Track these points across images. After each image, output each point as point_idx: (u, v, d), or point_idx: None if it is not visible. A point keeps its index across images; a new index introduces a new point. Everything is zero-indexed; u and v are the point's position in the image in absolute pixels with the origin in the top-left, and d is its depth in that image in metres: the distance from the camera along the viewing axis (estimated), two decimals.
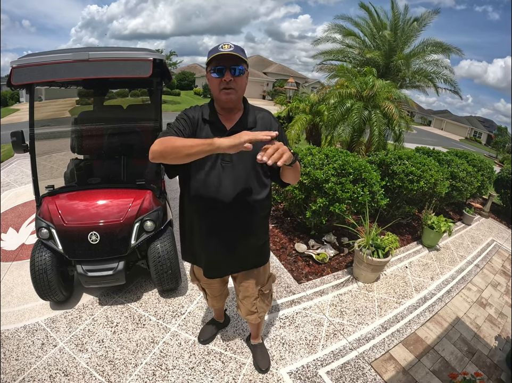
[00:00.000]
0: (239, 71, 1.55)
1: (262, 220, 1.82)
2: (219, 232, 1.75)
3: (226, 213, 1.68)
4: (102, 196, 2.92)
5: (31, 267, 2.65)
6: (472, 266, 4.50)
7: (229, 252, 1.83)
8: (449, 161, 5.75)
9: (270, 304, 2.18)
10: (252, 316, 2.15)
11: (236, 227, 1.74)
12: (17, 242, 4.00)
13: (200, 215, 1.75)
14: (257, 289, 2.01)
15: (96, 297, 3.05)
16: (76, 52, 2.55)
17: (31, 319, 2.76)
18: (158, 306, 2.98)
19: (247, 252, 1.85)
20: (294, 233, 4.44)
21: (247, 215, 1.71)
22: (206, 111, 1.68)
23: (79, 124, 3.70)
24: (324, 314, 3.09)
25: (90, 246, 2.64)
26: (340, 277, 3.71)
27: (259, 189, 1.69)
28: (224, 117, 1.66)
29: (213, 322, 2.73)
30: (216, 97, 1.62)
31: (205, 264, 1.92)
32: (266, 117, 1.73)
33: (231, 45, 1.53)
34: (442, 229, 4.54)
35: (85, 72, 2.58)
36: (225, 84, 1.53)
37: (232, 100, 1.59)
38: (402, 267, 4.13)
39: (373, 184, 3.86)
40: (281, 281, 3.48)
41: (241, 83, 1.59)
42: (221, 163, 1.63)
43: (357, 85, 6.37)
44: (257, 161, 1.53)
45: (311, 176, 3.70)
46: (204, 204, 1.70)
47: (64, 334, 2.61)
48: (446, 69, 8.96)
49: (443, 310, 3.41)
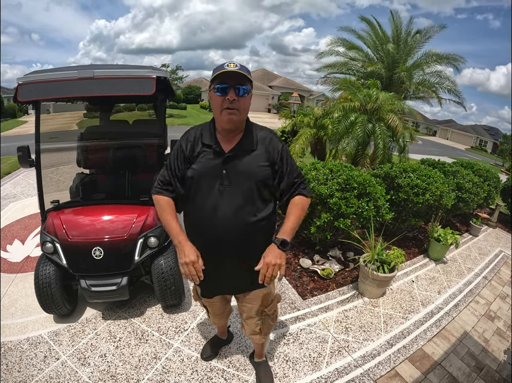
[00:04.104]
0: (244, 91, 1.53)
1: (262, 243, 1.74)
2: (218, 254, 1.74)
3: (225, 236, 1.67)
4: (106, 211, 2.96)
5: (35, 281, 2.68)
6: (480, 278, 4.45)
7: (228, 275, 1.83)
8: (455, 173, 5.73)
9: (275, 324, 2.17)
10: (256, 336, 2.14)
11: (235, 250, 1.72)
12: (23, 254, 4.06)
13: (199, 237, 1.75)
14: (261, 310, 1.99)
15: (100, 311, 3.08)
16: (81, 70, 2.62)
17: (34, 331, 2.80)
18: (161, 322, 3.00)
19: (247, 274, 1.79)
20: (298, 248, 4.44)
21: (246, 238, 1.69)
22: (206, 133, 1.67)
23: (84, 138, 3.76)
24: (329, 330, 3.08)
25: (94, 261, 2.68)
26: (346, 292, 3.70)
27: (257, 212, 1.67)
28: (224, 139, 1.65)
29: (216, 339, 2.72)
30: (218, 117, 1.59)
31: (204, 284, 1.91)
32: (268, 138, 1.69)
33: (237, 64, 1.51)
34: (449, 241, 4.51)
35: (89, 90, 2.64)
36: (228, 104, 1.50)
37: (234, 121, 1.56)
38: (409, 282, 4.10)
39: (378, 198, 3.86)
40: (286, 297, 3.48)
41: (244, 104, 1.57)
42: (219, 187, 1.62)
43: (361, 98, 6.41)
44: (255, 186, 1.59)
45: (315, 192, 3.72)
46: (202, 226, 1.71)
47: (66, 348, 2.63)
48: (449, 80, 8.99)
49: (450, 324, 3.37)
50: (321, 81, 10.63)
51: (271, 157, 1.66)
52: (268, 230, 1.78)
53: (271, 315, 2.06)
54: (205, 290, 2.00)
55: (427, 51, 9.20)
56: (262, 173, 1.64)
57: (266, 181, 1.66)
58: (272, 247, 1.65)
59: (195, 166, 1.66)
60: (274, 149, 1.67)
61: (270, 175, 1.67)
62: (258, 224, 1.68)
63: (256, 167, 1.63)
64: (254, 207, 1.66)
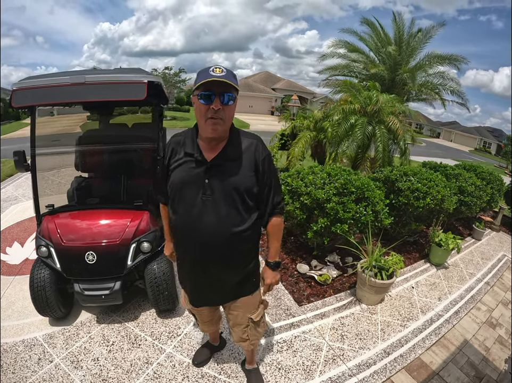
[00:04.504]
0: (229, 98, 1.47)
1: (247, 252, 1.77)
2: (202, 263, 1.73)
3: (208, 246, 1.65)
4: (100, 216, 2.97)
5: (30, 284, 2.71)
6: (482, 284, 4.36)
7: (213, 284, 1.82)
8: (457, 176, 5.62)
9: (263, 331, 2.14)
10: (244, 343, 2.12)
11: (219, 259, 1.69)
12: (21, 256, 4.09)
13: (183, 246, 1.76)
14: (247, 317, 1.97)
15: (94, 315, 3.08)
16: (74, 75, 2.63)
17: (29, 334, 2.82)
18: (155, 326, 2.98)
19: (232, 283, 1.81)
20: (296, 253, 4.38)
21: (229, 247, 1.66)
22: (188, 141, 1.63)
23: (82, 142, 3.78)
24: (324, 338, 3.02)
25: (87, 265, 2.69)
26: (343, 299, 3.63)
27: (242, 222, 1.64)
28: (207, 147, 1.60)
29: (208, 345, 2.69)
30: (202, 126, 1.54)
31: (190, 292, 1.94)
32: (253, 147, 1.63)
33: (223, 69, 1.44)
34: (450, 246, 4.42)
35: (81, 95, 2.66)
36: (212, 113, 1.45)
37: (219, 131, 1.52)
38: (408, 288, 4.02)
39: (376, 203, 3.79)
40: (281, 303, 3.43)
41: (230, 112, 1.52)
42: (201, 197, 1.59)
43: (362, 100, 6.35)
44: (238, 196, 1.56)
45: (312, 196, 3.66)
46: (186, 235, 1.69)
47: (60, 351, 2.65)
48: (452, 81, 8.89)
49: (450, 332, 3.30)
50: (323, 83, 10.58)
51: (255, 165, 1.62)
52: (253, 239, 1.77)
53: (258, 322, 2.03)
54: (193, 298, 1.98)
55: (429, 53, 9.11)
56: (246, 182, 1.60)
57: (251, 191, 1.62)
58: (268, 269, 1.87)
59: (178, 175, 1.63)
60: (258, 157, 1.62)
61: (254, 184, 1.63)
62: (242, 234, 1.65)
63: (240, 177, 1.59)
64: (238, 217, 1.63)
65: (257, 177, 1.63)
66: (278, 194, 1.74)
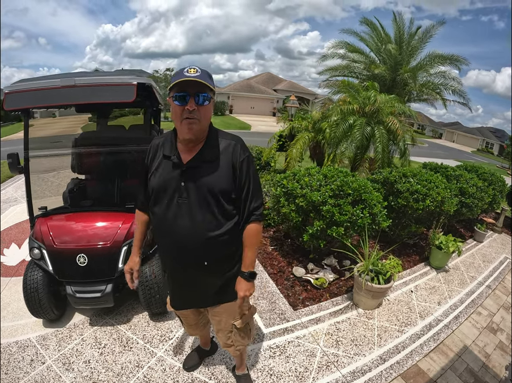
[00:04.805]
0: (204, 98, 1.45)
1: (226, 257, 1.72)
2: (180, 267, 1.71)
3: (184, 249, 1.62)
4: (92, 218, 2.98)
5: (23, 286, 2.72)
6: (483, 288, 4.26)
7: (191, 288, 1.79)
8: (458, 177, 5.53)
9: (250, 337, 2.08)
10: (229, 349, 2.08)
11: (195, 263, 1.66)
12: (18, 258, 4.11)
13: (162, 248, 1.75)
14: (230, 323, 1.91)
15: (88, 317, 3.08)
16: (64, 78, 2.62)
17: (23, 335, 2.83)
18: (147, 329, 2.96)
19: (211, 289, 1.77)
20: (293, 256, 4.30)
21: (205, 252, 1.63)
22: (167, 144, 1.61)
23: (78, 144, 3.78)
24: (319, 343, 2.94)
25: (78, 267, 2.69)
26: (339, 303, 3.55)
27: (219, 226, 1.59)
28: (184, 149, 1.58)
29: (199, 349, 2.65)
30: (178, 127, 1.52)
31: (172, 295, 1.94)
32: (231, 148, 1.59)
33: (198, 69, 1.43)
34: (451, 249, 4.33)
35: (71, 98, 2.67)
36: (188, 114, 1.43)
37: (195, 131, 1.49)
38: (407, 292, 3.93)
39: (373, 205, 3.71)
40: (276, 307, 3.35)
41: (205, 113, 1.49)
42: (177, 200, 1.56)
43: (360, 100, 6.26)
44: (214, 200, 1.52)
45: (307, 199, 3.59)
46: (164, 239, 1.68)
47: (53, 352, 2.65)
48: (454, 80, 8.80)
49: (449, 338, 3.21)
50: (323, 84, 10.50)
51: (233, 168, 1.57)
52: (231, 244, 1.70)
53: (242, 329, 1.96)
54: (174, 300, 1.97)
55: (430, 53, 9.02)
56: (222, 185, 1.55)
57: (228, 194, 1.58)
58: (242, 280, 1.72)
59: (156, 178, 1.61)
60: (236, 159, 1.57)
61: (232, 187, 1.58)
62: (219, 238, 1.61)
63: (217, 179, 1.54)
64: (215, 221, 1.59)
65: (234, 180, 1.58)
66: (256, 199, 1.66)
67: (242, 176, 1.58)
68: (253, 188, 1.63)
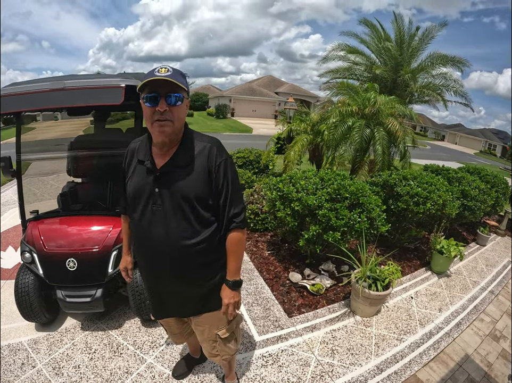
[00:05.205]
0: (176, 99, 1.36)
1: (206, 266, 1.62)
2: (158, 276, 1.64)
3: (159, 257, 1.55)
4: (83, 222, 2.98)
5: (15, 289, 2.72)
6: (486, 293, 4.14)
7: (169, 297, 1.72)
8: (460, 179, 5.42)
9: (236, 347, 1.99)
10: (215, 358, 2.00)
11: (171, 272, 1.59)
12: (14, 261, 4.10)
13: (139, 257, 1.68)
14: (215, 333, 1.82)
15: (79, 321, 3.06)
16: (53, 81, 2.57)
17: (15, 338, 2.83)
18: (138, 335, 2.92)
19: (191, 298, 1.69)
20: (290, 261, 4.20)
21: (181, 261, 1.54)
22: (141, 148, 1.55)
23: (74, 147, 3.77)
24: (313, 352, 2.83)
25: (68, 272, 2.67)
26: (336, 310, 3.44)
27: (192, 234, 1.51)
28: (159, 153, 1.50)
29: (189, 357, 2.57)
30: (150, 130, 1.45)
31: (151, 304, 1.89)
32: (207, 151, 1.50)
33: (169, 69, 1.35)
34: (452, 253, 4.21)
35: (61, 101, 2.62)
36: (159, 115, 1.35)
37: (167, 134, 1.41)
38: (407, 298, 3.82)
39: (371, 209, 3.60)
40: (270, 314, 3.26)
41: (178, 114, 1.41)
42: (151, 207, 1.49)
43: (359, 102, 6.17)
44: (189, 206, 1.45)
45: (303, 203, 3.49)
46: (140, 247, 1.62)
47: (43, 356, 2.64)
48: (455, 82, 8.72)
49: (450, 346, 3.09)
50: (324, 86, 10.43)
51: (208, 172, 1.49)
52: (210, 252, 1.60)
53: (227, 338, 1.87)
54: (153, 309, 1.91)
55: (431, 53, 8.96)
56: (197, 190, 1.47)
57: (204, 200, 1.50)
58: (226, 289, 1.65)
59: (132, 184, 1.55)
60: (212, 163, 1.48)
61: (208, 193, 1.50)
62: (195, 247, 1.52)
63: (191, 185, 1.46)
64: (190, 228, 1.50)
65: (211, 185, 1.50)
66: (236, 205, 1.56)
67: (219, 180, 1.50)
68: (232, 193, 1.54)
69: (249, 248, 4.62)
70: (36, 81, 2.85)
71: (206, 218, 1.52)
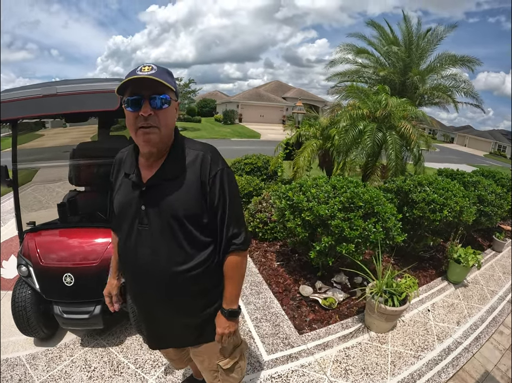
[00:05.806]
0: (162, 101, 1.18)
1: (200, 294, 1.43)
2: (147, 304, 1.47)
3: (147, 285, 1.37)
4: (80, 235, 2.86)
5: (12, 303, 2.62)
6: (504, 303, 3.94)
7: (162, 327, 1.54)
8: (476, 183, 5.21)
9: (240, 376, 1.77)
10: None
11: (163, 301, 1.41)
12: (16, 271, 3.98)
13: (127, 282, 1.51)
14: (214, 363, 1.63)
15: (79, 337, 2.95)
16: (45, 87, 2.45)
17: (13, 353, 2.75)
18: (139, 353, 2.79)
19: (185, 328, 1.51)
20: (300, 273, 4.05)
21: (171, 289, 1.37)
22: (128, 159, 1.38)
23: (76, 155, 3.68)
24: (325, 372, 2.67)
25: (65, 287, 2.57)
26: (350, 326, 3.28)
27: (184, 259, 1.32)
28: (146, 163, 1.33)
29: (192, 379, 2.41)
30: (134, 138, 1.26)
31: (145, 332, 1.74)
32: (199, 160, 1.30)
33: (153, 66, 1.17)
34: (470, 262, 4.01)
35: (53, 107, 2.48)
36: (143, 121, 1.17)
37: (154, 143, 1.22)
38: (424, 311, 3.64)
39: (387, 218, 3.43)
40: (279, 331, 3.11)
41: (165, 118, 1.22)
42: (137, 227, 1.31)
43: (370, 105, 6.02)
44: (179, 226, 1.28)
45: (314, 212, 3.33)
46: (126, 271, 1.45)
47: (41, 373, 2.55)
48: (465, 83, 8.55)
49: (470, 363, 2.92)
50: (332, 90, 10.31)
51: (202, 184, 1.29)
52: (205, 279, 1.42)
53: (230, 368, 1.65)
54: (147, 338, 1.75)
55: (440, 54, 8.80)
56: (188, 207, 1.28)
57: (197, 218, 1.31)
58: (221, 318, 1.45)
59: (117, 199, 1.39)
60: (205, 174, 1.29)
61: (202, 210, 1.31)
62: (187, 274, 1.34)
63: (182, 201, 1.27)
64: (181, 252, 1.32)
65: (205, 200, 1.31)
66: (235, 224, 1.37)
67: (214, 195, 1.30)
68: (230, 210, 1.34)
69: (257, 258, 4.49)
70: (28, 87, 2.71)
71: (200, 240, 1.34)
